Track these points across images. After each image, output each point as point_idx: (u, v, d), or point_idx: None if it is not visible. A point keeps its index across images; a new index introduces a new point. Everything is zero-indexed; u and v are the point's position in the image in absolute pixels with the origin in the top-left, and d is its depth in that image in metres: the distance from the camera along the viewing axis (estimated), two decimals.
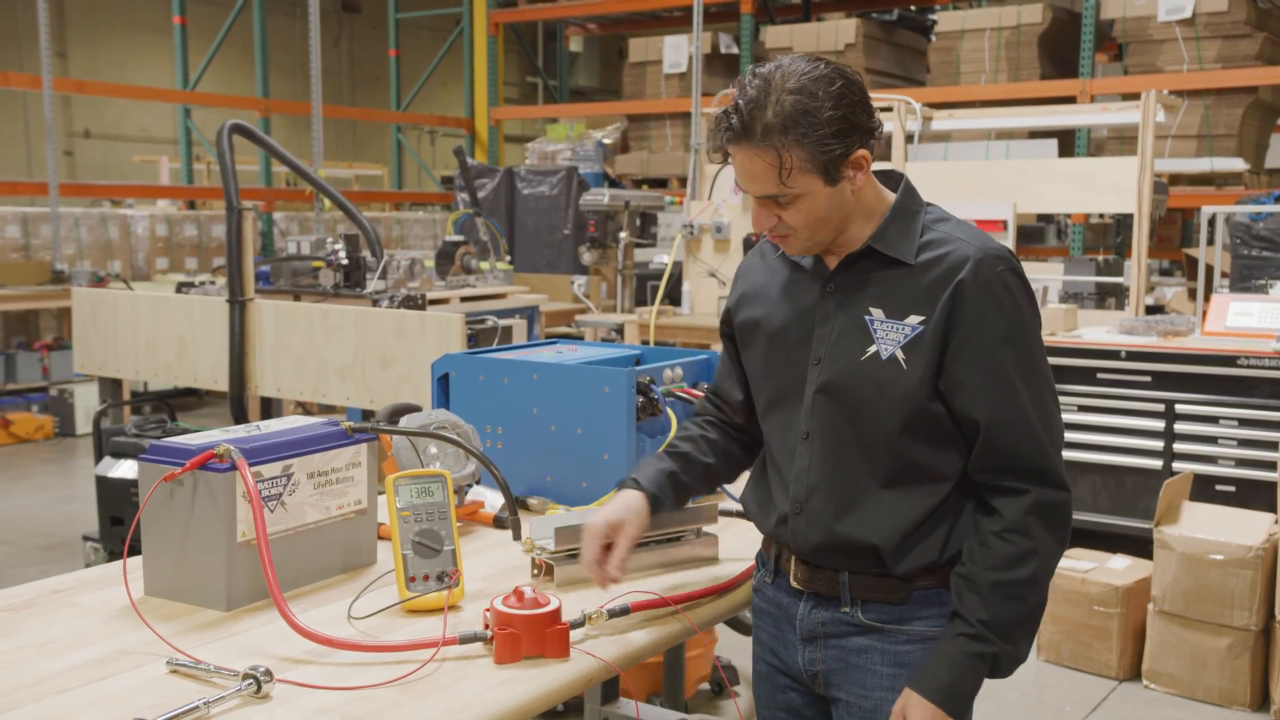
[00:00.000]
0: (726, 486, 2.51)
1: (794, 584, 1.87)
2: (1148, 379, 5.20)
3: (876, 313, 1.74)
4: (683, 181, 9.93)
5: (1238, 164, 8.04)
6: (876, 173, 1.80)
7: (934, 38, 9.76)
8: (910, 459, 1.74)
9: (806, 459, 1.80)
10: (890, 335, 1.72)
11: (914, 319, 1.71)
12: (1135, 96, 6.54)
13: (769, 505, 1.88)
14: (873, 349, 1.73)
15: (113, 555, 4.51)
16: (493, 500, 2.36)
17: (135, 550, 1.88)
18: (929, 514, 1.75)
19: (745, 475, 2.03)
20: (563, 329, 7.69)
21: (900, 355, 1.71)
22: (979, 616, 1.70)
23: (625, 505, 1.84)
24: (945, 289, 1.70)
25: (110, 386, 5.32)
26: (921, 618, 1.79)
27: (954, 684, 1.70)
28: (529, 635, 1.62)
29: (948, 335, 1.70)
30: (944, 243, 1.74)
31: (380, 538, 2.08)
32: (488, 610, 1.66)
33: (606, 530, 1.81)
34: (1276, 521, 4.12)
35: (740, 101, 1.67)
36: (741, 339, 1.93)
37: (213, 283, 6.26)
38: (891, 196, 1.80)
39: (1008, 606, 1.70)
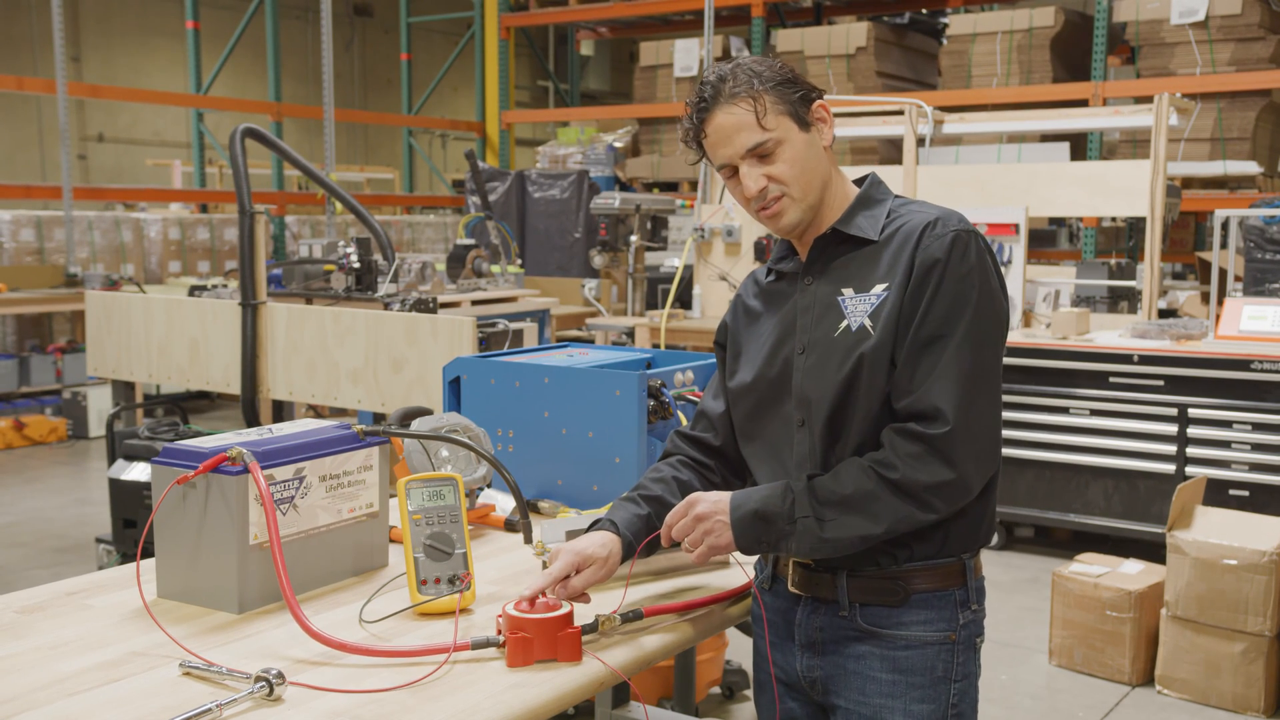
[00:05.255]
0: None
1: (792, 589, 1.86)
2: (1160, 383, 5.19)
3: (847, 292, 1.80)
4: (694, 185, 9.93)
5: (1251, 167, 8.00)
6: (855, 180, 1.91)
7: (945, 41, 9.74)
8: None
9: (806, 444, 1.81)
10: (859, 308, 1.77)
11: (879, 288, 1.77)
12: (1148, 100, 6.53)
13: None
14: (844, 324, 1.78)
15: (126, 558, 4.53)
16: (504, 503, 2.37)
17: (148, 553, 1.89)
18: None
19: None
20: (574, 332, 7.70)
21: (868, 323, 1.76)
22: (816, 475, 1.75)
23: (601, 544, 1.80)
24: (906, 251, 1.76)
25: (123, 389, 5.34)
26: (919, 621, 1.78)
27: (757, 506, 1.74)
28: (541, 639, 1.62)
29: (906, 291, 1.74)
30: (906, 217, 1.81)
31: (392, 541, 2.09)
32: (500, 615, 1.66)
33: (578, 562, 1.76)
34: None
35: (706, 81, 1.81)
36: (731, 345, 1.97)
37: (225, 286, 6.28)
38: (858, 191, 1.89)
39: (842, 483, 1.72)
